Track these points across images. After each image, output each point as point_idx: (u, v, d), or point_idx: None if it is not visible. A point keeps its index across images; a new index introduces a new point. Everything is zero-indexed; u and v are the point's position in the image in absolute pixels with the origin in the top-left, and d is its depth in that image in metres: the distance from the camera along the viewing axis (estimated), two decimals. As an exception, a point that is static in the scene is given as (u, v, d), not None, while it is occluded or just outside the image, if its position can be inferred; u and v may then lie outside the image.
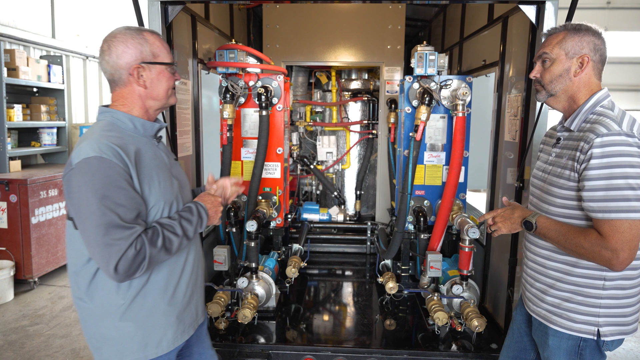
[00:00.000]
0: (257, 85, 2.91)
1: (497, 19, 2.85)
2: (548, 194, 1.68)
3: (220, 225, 2.88)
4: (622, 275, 1.57)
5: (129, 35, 1.54)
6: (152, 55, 1.57)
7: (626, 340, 3.99)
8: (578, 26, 1.63)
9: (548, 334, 1.71)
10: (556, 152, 1.71)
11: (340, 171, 4.54)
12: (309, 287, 3.36)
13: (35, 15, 6.86)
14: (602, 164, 1.46)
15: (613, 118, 1.52)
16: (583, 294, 1.61)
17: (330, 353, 2.42)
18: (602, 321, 1.60)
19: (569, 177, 1.58)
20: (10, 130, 5.56)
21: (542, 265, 1.73)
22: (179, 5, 2.34)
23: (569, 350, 1.66)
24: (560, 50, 1.62)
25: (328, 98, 4.43)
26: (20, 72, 5.63)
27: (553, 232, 1.60)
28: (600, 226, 1.49)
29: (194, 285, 1.73)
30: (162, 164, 1.62)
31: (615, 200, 1.45)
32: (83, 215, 1.40)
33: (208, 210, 1.69)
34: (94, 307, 1.54)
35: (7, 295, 4.48)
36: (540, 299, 1.74)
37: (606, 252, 1.47)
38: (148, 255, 1.43)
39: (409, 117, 2.94)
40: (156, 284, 1.57)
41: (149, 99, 1.61)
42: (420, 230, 2.86)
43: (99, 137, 1.45)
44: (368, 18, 4.06)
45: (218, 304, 2.55)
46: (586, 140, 1.51)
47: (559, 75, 1.63)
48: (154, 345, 1.58)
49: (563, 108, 1.71)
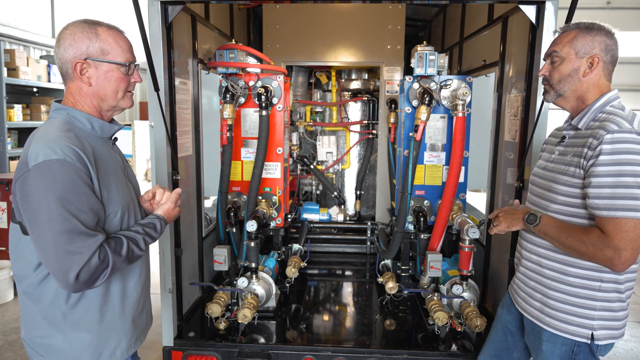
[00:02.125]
0: (257, 85, 2.91)
1: (497, 19, 2.85)
2: (549, 191, 1.65)
3: (220, 225, 2.88)
4: (619, 279, 1.55)
5: (79, 28, 1.46)
6: (101, 52, 1.47)
7: (626, 341, 3.99)
8: (590, 25, 1.59)
9: (542, 339, 1.69)
10: (560, 149, 1.68)
11: (340, 171, 4.54)
12: (309, 287, 3.36)
13: (35, 15, 6.86)
14: (611, 161, 1.43)
15: (624, 117, 1.50)
16: (578, 295, 1.59)
17: (330, 353, 2.42)
18: (597, 324, 1.58)
19: (573, 173, 1.55)
20: (10, 130, 5.57)
21: (538, 264, 1.70)
22: (179, 5, 2.34)
23: (562, 355, 1.64)
24: (571, 49, 1.59)
25: (328, 98, 4.43)
26: (20, 72, 5.63)
27: (555, 230, 1.57)
28: (604, 224, 1.45)
29: (146, 291, 1.72)
30: (118, 167, 1.57)
31: (623, 198, 1.41)
32: (40, 221, 1.31)
33: (167, 221, 1.67)
34: (40, 315, 1.46)
35: (7, 295, 4.48)
36: (533, 298, 1.72)
37: (609, 250, 1.43)
38: (111, 265, 1.37)
39: (409, 117, 2.94)
40: (114, 291, 1.53)
41: (96, 98, 1.51)
42: (420, 230, 2.86)
43: (57, 138, 1.36)
44: (368, 18, 4.06)
45: (218, 304, 2.55)
46: (595, 136, 1.48)
47: (567, 75, 1.60)
48: (108, 355, 1.53)
49: (571, 108, 1.67)
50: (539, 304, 1.70)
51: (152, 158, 2.39)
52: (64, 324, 1.46)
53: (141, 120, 9.28)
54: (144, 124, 8.90)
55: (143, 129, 8.90)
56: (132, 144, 8.93)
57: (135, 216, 1.59)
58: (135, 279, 1.61)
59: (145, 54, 2.18)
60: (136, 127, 8.94)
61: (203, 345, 2.45)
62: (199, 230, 2.94)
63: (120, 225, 1.51)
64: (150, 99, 2.29)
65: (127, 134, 8.82)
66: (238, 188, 3.02)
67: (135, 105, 11.01)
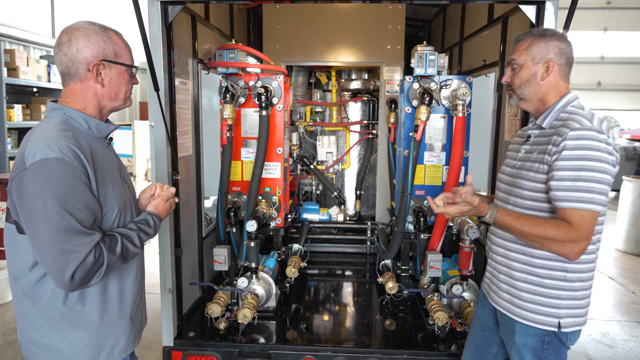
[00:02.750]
0: (257, 85, 2.91)
1: (497, 19, 2.85)
2: (517, 187, 1.73)
3: (220, 225, 2.88)
4: (581, 268, 1.64)
5: (92, 30, 1.48)
6: (115, 55, 1.52)
7: (626, 341, 3.99)
8: (544, 31, 1.72)
9: (514, 331, 1.75)
10: (526, 148, 1.77)
11: (340, 171, 4.54)
12: (309, 287, 3.36)
13: (35, 15, 6.86)
14: (574, 156, 1.53)
15: (584, 116, 1.60)
16: (546, 285, 1.67)
17: (330, 353, 2.42)
18: (563, 313, 1.66)
19: (537, 169, 1.64)
20: (10, 130, 5.57)
21: (506, 257, 1.77)
22: (179, 5, 2.34)
23: (534, 346, 1.71)
24: (527, 56, 1.71)
25: (328, 98, 4.43)
26: (20, 72, 5.63)
27: (514, 222, 1.62)
28: (564, 215, 1.55)
29: (142, 290, 1.72)
30: (114, 167, 1.58)
31: (582, 191, 1.52)
32: (37, 219, 1.31)
33: (161, 217, 1.67)
34: (39, 316, 1.45)
35: (7, 295, 4.48)
36: (503, 290, 1.79)
37: (568, 240, 1.53)
38: (106, 263, 1.37)
39: (409, 117, 2.94)
40: (112, 290, 1.53)
41: (105, 99, 1.54)
42: (420, 230, 2.86)
43: (55, 137, 1.36)
44: (368, 18, 4.06)
45: (218, 304, 2.55)
46: (559, 134, 1.58)
47: (526, 80, 1.72)
48: (106, 354, 1.53)
49: (534, 109, 1.78)
50: (508, 296, 1.77)
51: (152, 158, 2.39)
52: (63, 323, 1.46)
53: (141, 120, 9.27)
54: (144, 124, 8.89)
55: (143, 129, 8.89)
56: (132, 144, 8.92)
57: (131, 215, 1.60)
58: (132, 278, 1.62)
59: (145, 54, 2.18)
60: (136, 127, 8.93)
61: (203, 345, 2.45)
62: (199, 230, 2.94)
63: (117, 224, 1.52)
64: (150, 99, 2.29)
65: (127, 134, 8.80)
66: (238, 188, 3.02)
67: (135, 105, 11.00)
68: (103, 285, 1.51)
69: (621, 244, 6.74)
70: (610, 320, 4.40)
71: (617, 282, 5.44)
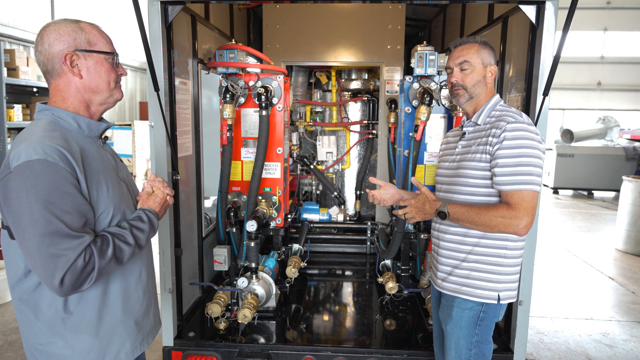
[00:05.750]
0: (257, 85, 2.91)
1: (497, 19, 2.85)
2: (460, 177, 1.90)
3: (220, 225, 2.88)
4: (517, 245, 1.85)
5: (62, 24, 1.45)
6: (88, 43, 1.46)
7: (626, 341, 3.99)
8: (484, 40, 1.93)
9: (453, 305, 1.91)
10: (463, 144, 1.97)
11: (340, 171, 4.54)
12: (309, 287, 3.36)
13: (35, 15, 6.86)
14: (513, 145, 1.73)
15: (515, 112, 1.84)
16: (489, 262, 1.85)
17: (330, 353, 2.42)
18: (502, 287, 1.85)
19: (480, 159, 1.83)
20: (10, 130, 5.57)
21: (459, 242, 1.92)
22: (179, 5, 2.34)
23: (470, 318, 1.88)
24: (478, 59, 1.90)
25: (328, 98, 4.43)
26: (20, 72, 5.63)
27: (465, 214, 1.80)
28: (509, 197, 1.74)
29: (150, 292, 1.67)
30: (110, 166, 1.53)
31: (523, 175, 1.71)
32: (23, 224, 1.27)
33: (157, 213, 1.61)
34: (39, 322, 1.42)
35: (7, 295, 4.48)
36: (451, 274, 1.93)
37: (515, 219, 1.71)
38: (97, 266, 1.32)
39: (409, 117, 2.94)
40: (114, 292, 1.50)
41: (87, 91, 1.48)
42: (420, 230, 2.86)
43: (40, 138, 1.32)
44: (368, 18, 4.06)
45: (218, 304, 2.55)
46: (497, 127, 1.79)
47: (478, 81, 1.90)
48: (112, 357, 1.51)
49: (473, 109, 1.96)
50: (455, 277, 1.92)
51: (152, 158, 2.39)
52: (64, 328, 1.43)
53: (141, 120, 9.27)
54: (144, 124, 8.90)
55: (143, 129, 8.90)
56: (132, 144, 8.93)
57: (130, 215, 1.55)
58: (135, 279, 1.58)
59: (145, 54, 2.17)
60: (136, 127, 8.94)
61: (203, 345, 2.45)
62: (199, 230, 2.94)
63: (115, 225, 1.48)
64: (150, 99, 2.29)
65: (127, 134, 8.81)
66: (238, 188, 3.02)
67: (135, 105, 11.00)
68: (104, 287, 1.48)
69: (621, 244, 6.74)
70: (610, 320, 4.40)
71: (617, 282, 5.44)
